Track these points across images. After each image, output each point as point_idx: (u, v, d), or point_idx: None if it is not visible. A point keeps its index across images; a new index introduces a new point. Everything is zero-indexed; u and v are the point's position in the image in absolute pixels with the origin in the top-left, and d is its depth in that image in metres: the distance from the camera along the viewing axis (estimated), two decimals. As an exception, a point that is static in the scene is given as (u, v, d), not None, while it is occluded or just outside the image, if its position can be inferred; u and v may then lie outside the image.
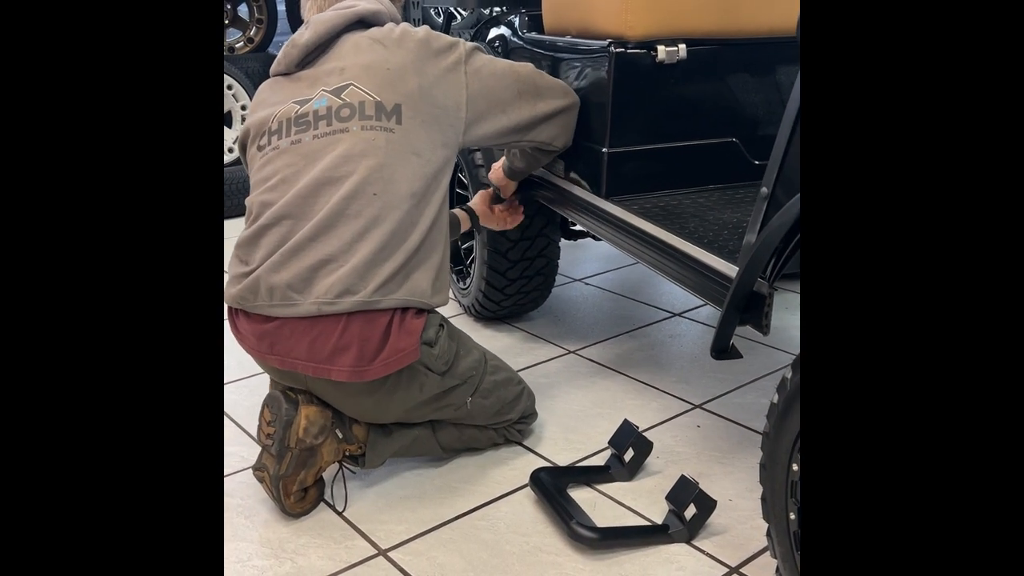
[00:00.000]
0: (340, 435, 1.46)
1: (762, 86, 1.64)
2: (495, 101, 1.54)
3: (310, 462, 1.42)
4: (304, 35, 1.47)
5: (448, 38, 1.51)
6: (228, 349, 1.90)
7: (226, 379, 1.96)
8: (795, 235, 1.06)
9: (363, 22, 1.50)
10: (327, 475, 1.53)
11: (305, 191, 1.37)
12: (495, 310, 2.21)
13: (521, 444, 1.67)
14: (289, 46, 1.49)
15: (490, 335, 2.21)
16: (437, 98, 1.46)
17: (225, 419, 1.78)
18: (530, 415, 1.68)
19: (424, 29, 1.50)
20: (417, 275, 1.40)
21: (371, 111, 1.40)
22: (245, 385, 1.95)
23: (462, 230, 1.90)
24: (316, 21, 1.47)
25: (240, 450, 1.66)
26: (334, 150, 1.38)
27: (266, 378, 1.89)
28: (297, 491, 1.42)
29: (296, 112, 1.43)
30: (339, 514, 1.45)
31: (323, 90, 1.43)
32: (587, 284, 2.60)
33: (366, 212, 1.35)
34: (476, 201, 1.93)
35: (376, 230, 1.36)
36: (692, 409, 1.80)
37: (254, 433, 1.72)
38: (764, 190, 1.13)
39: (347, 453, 1.49)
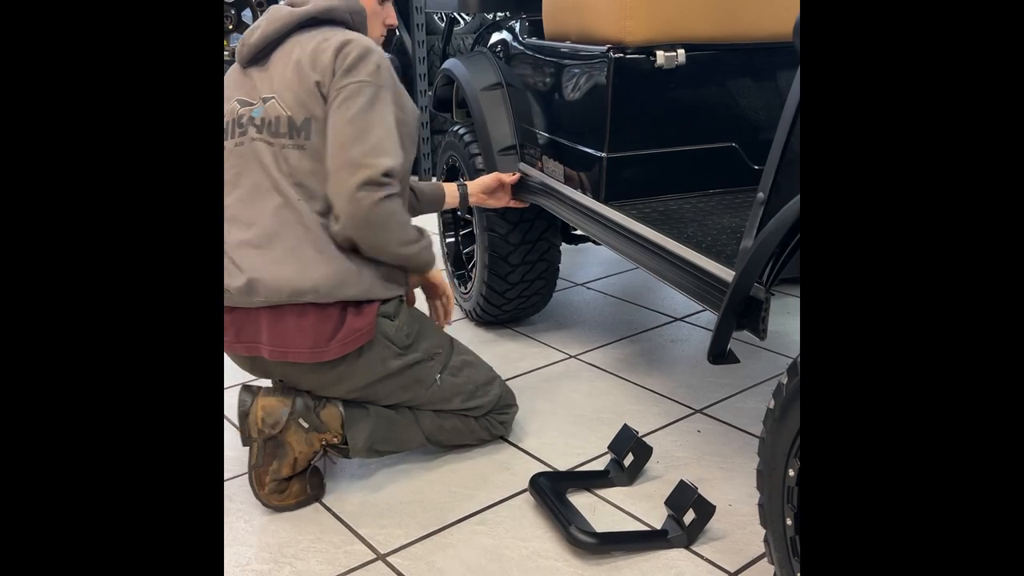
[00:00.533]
0: (306, 424, 1.47)
1: (761, 91, 1.64)
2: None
3: (280, 453, 1.46)
4: (255, 34, 1.50)
5: (369, 72, 1.42)
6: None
7: (226, 383, 1.97)
8: (791, 239, 1.06)
9: (316, 20, 1.49)
10: (329, 480, 1.53)
11: (246, 196, 1.44)
12: (496, 314, 2.21)
13: (507, 440, 1.67)
14: (241, 43, 1.52)
15: (491, 339, 2.21)
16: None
17: (225, 423, 1.79)
18: (509, 407, 1.68)
19: (357, 51, 1.42)
20: (365, 273, 1.44)
21: (284, 128, 1.44)
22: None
23: (444, 206, 1.92)
24: (268, 18, 1.49)
25: (240, 454, 1.66)
26: (263, 160, 1.44)
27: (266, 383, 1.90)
28: (272, 482, 1.46)
29: (238, 113, 1.49)
30: (338, 518, 1.45)
31: (261, 98, 1.47)
32: (589, 288, 2.60)
33: (300, 221, 1.41)
34: (479, 180, 1.93)
35: (310, 239, 1.41)
36: (693, 414, 1.80)
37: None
38: (760, 195, 1.13)
39: (326, 443, 1.50)
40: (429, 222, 2.94)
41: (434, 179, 2.08)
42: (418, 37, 3.81)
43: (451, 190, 1.92)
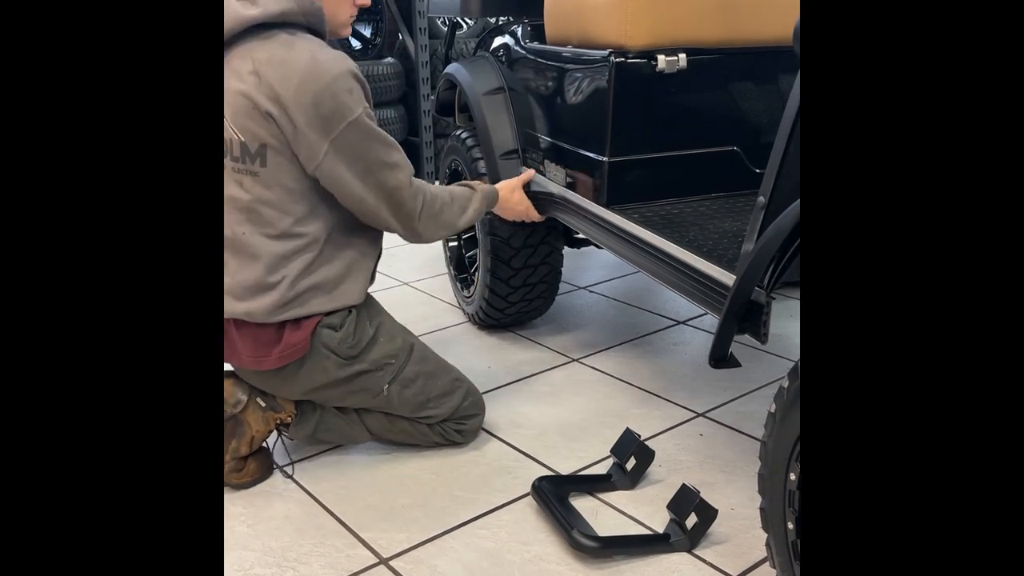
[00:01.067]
0: (263, 404, 1.55)
1: (762, 94, 1.64)
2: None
3: (238, 432, 1.52)
4: None
5: (345, 113, 1.37)
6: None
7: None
8: (792, 243, 1.07)
9: (265, 25, 1.38)
10: (328, 480, 1.54)
11: None
12: (499, 318, 2.21)
13: (510, 444, 1.67)
14: None
15: (494, 343, 2.21)
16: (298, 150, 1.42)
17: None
18: (470, 416, 1.66)
19: (328, 97, 1.36)
20: (309, 296, 1.46)
21: (237, 152, 1.42)
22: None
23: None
24: None
25: (244, 458, 1.66)
26: None
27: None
28: (232, 460, 1.51)
29: None
30: (341, 522, 1.45)
31: None
32: (591, 292, 2.60)
33: (245, 247, 1.44)
34: (504, 185, 1.85)
35: (252, 271, 1.44)
36: (695, 418, 1.80)
37: (258, 441, 1.73)
38: (761, 199, 1.13)
39: (280, 421, 1.58)
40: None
41: (437, 182, 2.07)
42: (421, 41, 3.83)
43: (482, 191, 1.82)
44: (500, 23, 2.27)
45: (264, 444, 1.61)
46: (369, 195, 1.46)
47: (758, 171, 1.68)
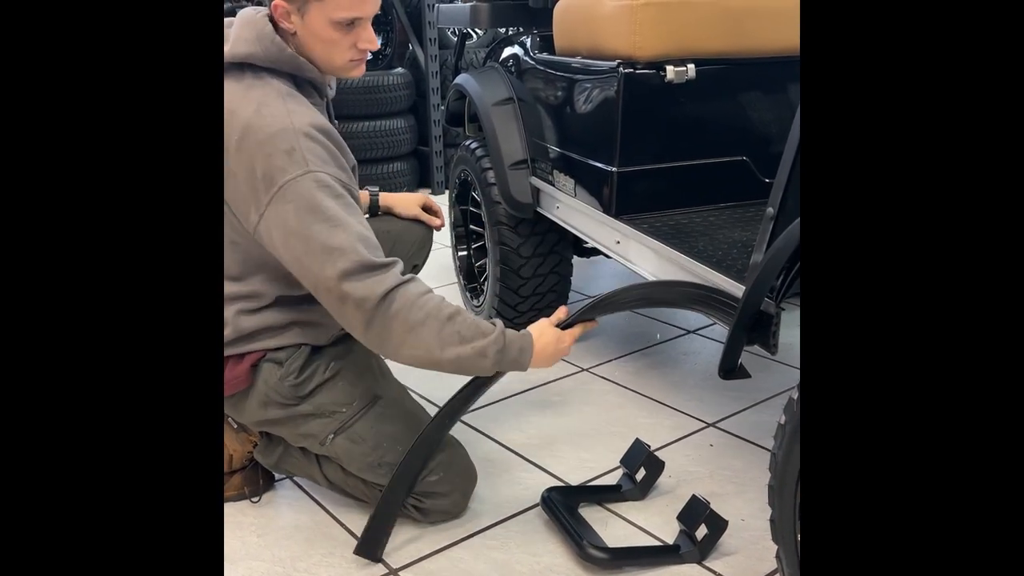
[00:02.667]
0: (234, 425, 1.52)
1: (771, 104, 1.64)
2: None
3: None
4: None
5: (280, 170, 1.23)
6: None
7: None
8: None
9: (237, 63, 1.30)
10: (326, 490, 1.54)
11: None
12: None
13: (519, 454, 1.66)
14: None
15: (503, 353, 2.21)
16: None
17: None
18: (435, 494, 1.42)
19: (262, 164, 1.23)
20: (259, 335, 1.38)
21: None
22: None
23: None
24: None
25: (254, 468, 1.67)
26: None
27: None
28: None
29: None
30: (351, 533, 1.45)
31: None
32: (601, 301, 2.60)
33: None
34: (536, 328, 1.42)
35: None
36: (705, 428, 1.79)
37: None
38: (770, 210, 1.13)
39: (255, 444, 1.55)
40: (441, 235, 2.97)
41: (423, 191, 2.08)
42: (431, 52, 3.85)
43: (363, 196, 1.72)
44: (509, 34, 2.28)
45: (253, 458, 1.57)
46: (307, 281, 1.26)
47: (767, 181, 1.67)
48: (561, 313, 1.44)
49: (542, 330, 1.38)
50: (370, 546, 1.36)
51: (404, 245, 1.76)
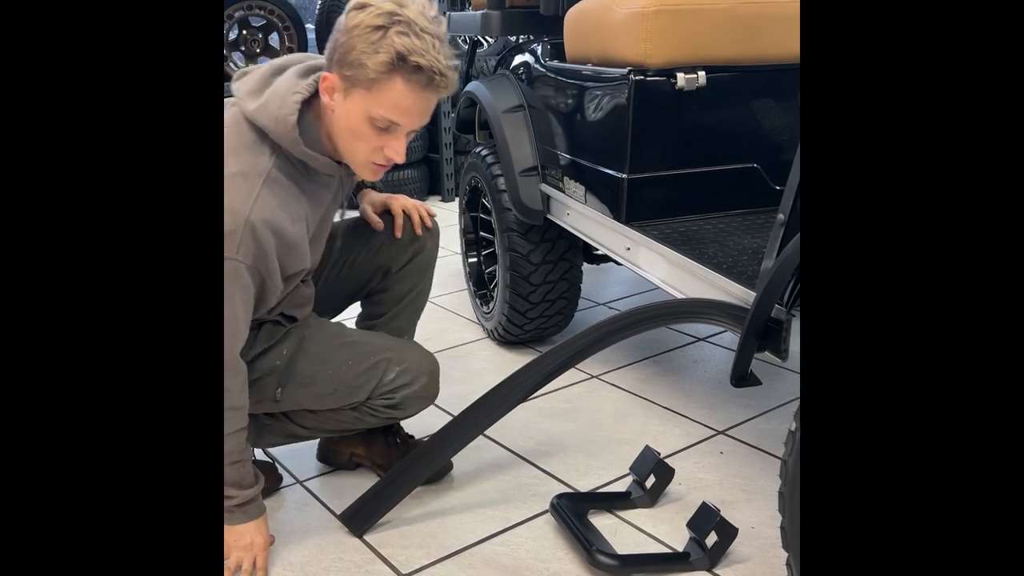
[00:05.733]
0: None
1: (782, 111, 1.64)
2: None
3: None
4: None
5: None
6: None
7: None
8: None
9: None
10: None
11: None
12: (518, 334, 2.22)
13: (529, 461, 1.66)
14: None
15: (512, 359, 2.22)
16: None
17: (251, 442, 1.81)
18: (399, 388, 1.46)
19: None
20: None
21: None
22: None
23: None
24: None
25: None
26: None
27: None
28: None
29: None
30: (360, 538, 1.46)
31: None
32: (611, 308, 2.60)
33: None
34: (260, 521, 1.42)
35: None
36: (715, 435, 1.79)
37: (280, 454, 1.74)
38: (781, 216, 1.13)
39: None
40: (452, 241, 2.97)
41: (433, 199, 2.02)
42: (443, 109, 3.88)
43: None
44: (520, 41, 2.29)
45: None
46: None
47: (778, 188, 1.67)
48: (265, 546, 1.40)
49: (263, 525, 1.40)
50: (358, 519, 1.38)
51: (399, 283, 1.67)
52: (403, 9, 1.18)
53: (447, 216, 3.86)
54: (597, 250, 2.13)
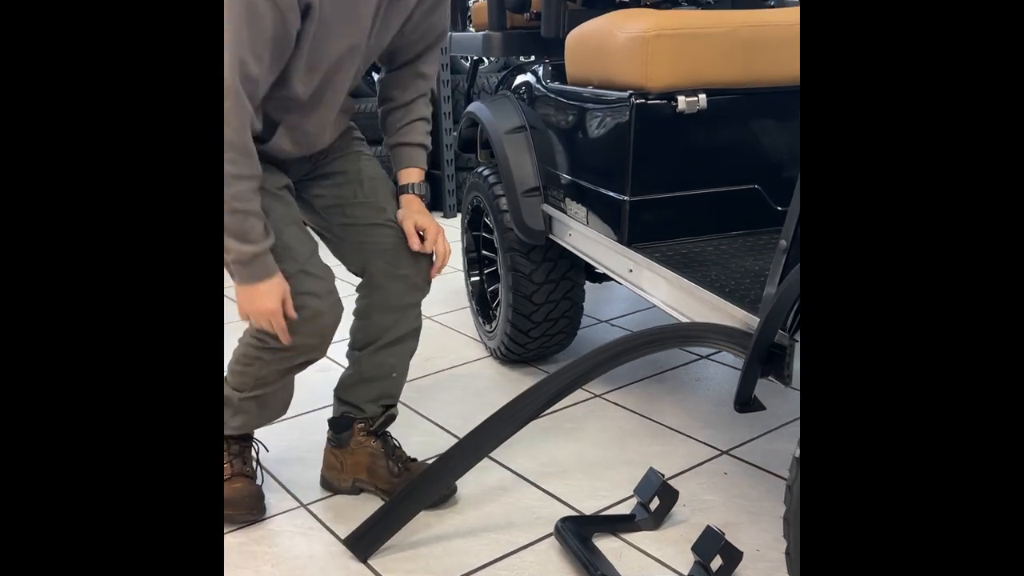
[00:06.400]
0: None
1: (783, 133, 1.65)
2: None
3: None
4: None
5: None
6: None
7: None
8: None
9: None
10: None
11: None
12: (521, 352, 2.22)
13: (534, 483, 1.66)
14: None
15: (516, 378, 2.22)
16: None
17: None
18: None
19: None
20: None
21: None
22: (272, 430, 1.97)
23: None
24: None
25: (270, 497, 1.67)
26: None
27: (299, 422, 1.93)
28: None
29: None
30: (365, 563, 1.45)
31: None
32: (613, 325, 2.60)
33: None
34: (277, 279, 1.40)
35: None
36: (719, 455, 1.78)
37: (285, 479, 1.74)
38: (783, 243, 1.14)
39: None
40: (455, 259, 2.99)
41: (435, 215, 1.87)
42: (443, 77, 3.88)
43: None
44: (521, 61, 2.30)
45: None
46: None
47: (780, 209, 1.68)
48: (288, 297, 1.38)
49: (275, 290, 1.36)
50: (363, 544, 1.40)
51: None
52: None
53: (449, 233, 3.87)
54: (599, 270, 2.15)
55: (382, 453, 1.63)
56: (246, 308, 1.37)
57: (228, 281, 1.36)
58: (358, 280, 1.65)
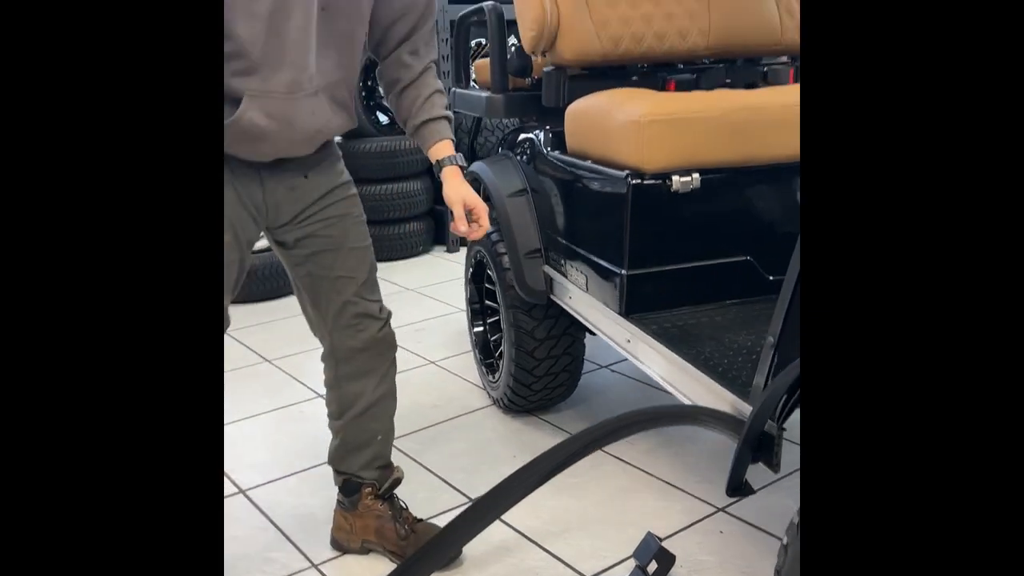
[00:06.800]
0: None
1: (773, 207, 1.72)
2: None
3: None
4: None
5: None
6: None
7: (271, 475, 2.06)
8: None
9: None
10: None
11: None
12: (523, 404, 2.29)
13: (537, 543, 1.72)
14: None
15: (518, 428, 2.29)
16: None
17: (267, 522, 1.87)
18: None
19: None
20: None
21: None
22: (283, 485, 2.04)
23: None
24: None
25: (281, 554, 1.74)
26: None
27: (308, 476, 1.98)
28: None
29: None
30: (375, 628, 1.51)
31: None
32: (613, 371, 2.67)
33: None
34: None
35: None
36: (715, 513, 1.85)
37: (296, 537, 1.80)
38: (771, 339, 1.21)
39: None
40: (457, 297, 3.03)
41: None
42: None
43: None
44: (523, 122, 2.38)
45: None
46: None
47: (771, 278, 1.75)
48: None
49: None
50: None
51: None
52: None
53: (453, 268, 3.95)
54: (598, 334, 2.21)
55: (390, 516, 1.70)
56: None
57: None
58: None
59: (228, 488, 2.03)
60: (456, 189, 1.59)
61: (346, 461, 1.72)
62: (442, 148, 1.59)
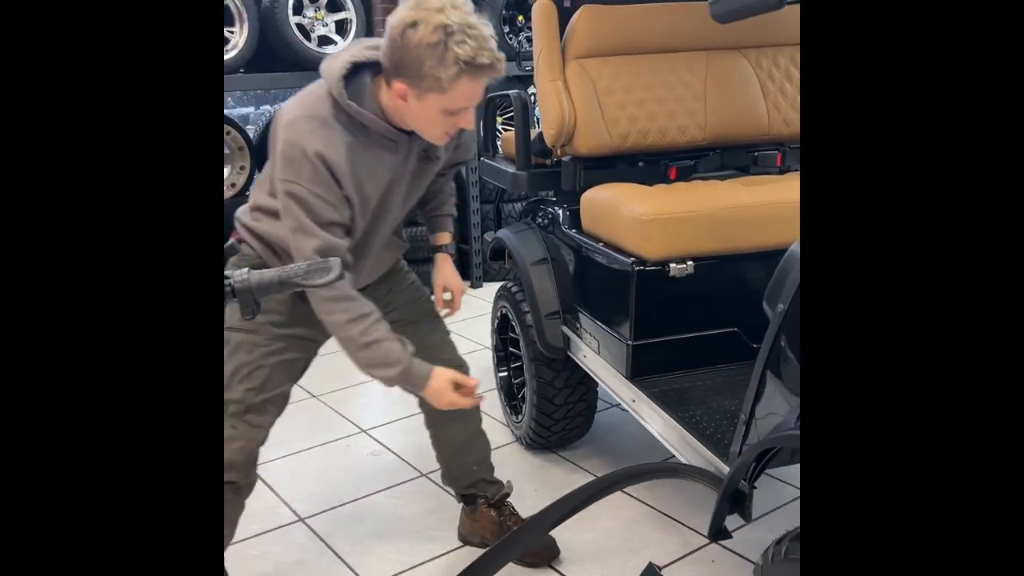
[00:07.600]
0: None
1: (757, 285, 2.03)
2: None
3: None
4: None
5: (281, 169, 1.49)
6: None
7: (325, 505, 2.37)
8: (766, 455, 1.45)
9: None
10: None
11: None
12: (544, 443, 2.61)
13: (555, 568, 2.02)
14: None
15: (539, 464, 2.60)
16: None
17: (324, 547, 2.19)
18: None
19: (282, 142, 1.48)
20: None
21: None
22: (338, 514, 2.34)
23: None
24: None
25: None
26: None
27: (357, 506, 2.29)
28: None
29: None
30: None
31: None
32: (623, 410, 2.97)
33: None
34: (439, 373, 1.68)
35: None
36: (708, 544, 2.15)
37: (351, 560, 2.10)
38: (743, 417, 1.52)
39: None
40: (482, 334, 3.31)
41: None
42: (472, 207, 4.42)
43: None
44: (544, 196, 2.69)
45: None
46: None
47: (755, 346, 2.05)
48: (463, 380, 1.69)
49: (440, 377, 1.66)
50: None
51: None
52: (448, 18, 1.38)
53: (479, 305, 4.25)
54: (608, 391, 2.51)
55: (499, 521, 2.12)
56: (436, 405, 1.67)
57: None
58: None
59: (289, 517, 2.35)
60: (441, 272, 2.01)
61: (452, 485, 2.18)
62: (443, 237, 2.06)
